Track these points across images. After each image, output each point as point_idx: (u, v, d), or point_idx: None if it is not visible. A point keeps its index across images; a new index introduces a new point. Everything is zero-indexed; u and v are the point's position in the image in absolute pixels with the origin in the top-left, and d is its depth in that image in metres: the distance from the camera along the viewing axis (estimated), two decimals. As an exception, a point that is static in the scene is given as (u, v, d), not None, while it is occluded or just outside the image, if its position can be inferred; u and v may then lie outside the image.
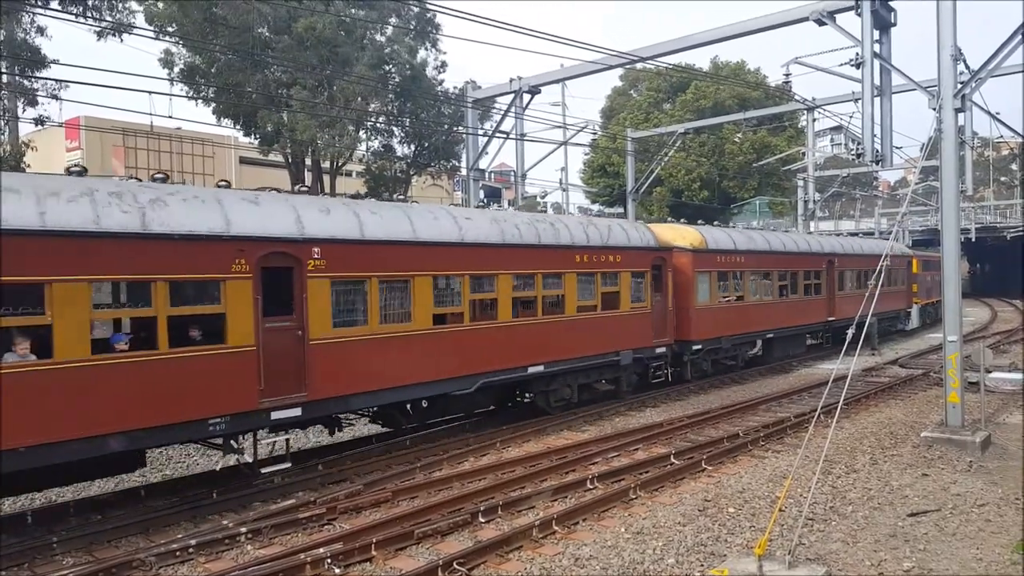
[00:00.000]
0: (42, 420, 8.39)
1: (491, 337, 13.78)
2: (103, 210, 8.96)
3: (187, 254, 9.62)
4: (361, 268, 11.64)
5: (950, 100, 13.03)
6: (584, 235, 16.04)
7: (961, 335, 13.38)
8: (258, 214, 10.56)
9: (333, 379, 11.17)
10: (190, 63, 27.18)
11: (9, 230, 8.11)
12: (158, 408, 9.32)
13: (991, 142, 51.09)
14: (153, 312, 9.32)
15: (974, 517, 9.70)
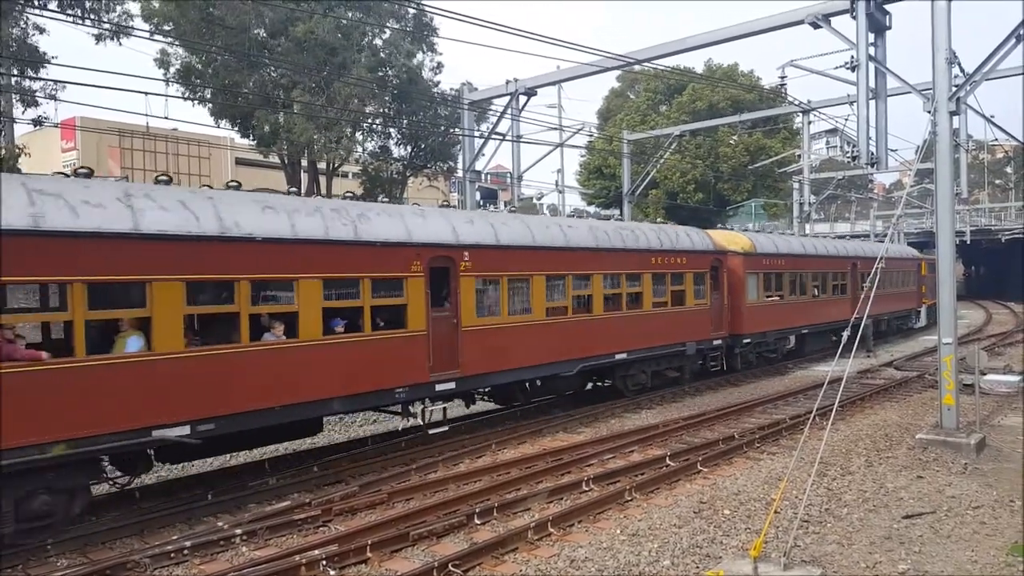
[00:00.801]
0: (291, 384, 10.69)
1: (588, 328, 16.10)
2: (330, 223, 11.39)
3: (383, 257, 12.00)
4: (496, 268, 14.02)
5: (945, 103, 13.08)
6: (658, 240, 18.41)
7: (956, 337, 13.42)
8: (427, 225, 12.96)
9: (477, 359, 13.57)
10: (186, 63, 27.13)
11: (271, 238, 10.53)
12: (363, 378, 11.68)
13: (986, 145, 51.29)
14: (360, 303, 11.71)
15: (969, 519, 9.73)
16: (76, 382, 8.66)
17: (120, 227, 9.03)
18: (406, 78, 28.50)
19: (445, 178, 40.29)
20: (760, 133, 49.32)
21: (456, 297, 13.18)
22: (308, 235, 10.95)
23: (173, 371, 9.46)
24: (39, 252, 8.35)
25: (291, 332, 10.79)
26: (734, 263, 20.99)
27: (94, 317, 8.96)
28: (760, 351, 22.64)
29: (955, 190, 13.78)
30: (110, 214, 9.02)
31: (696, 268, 19.38)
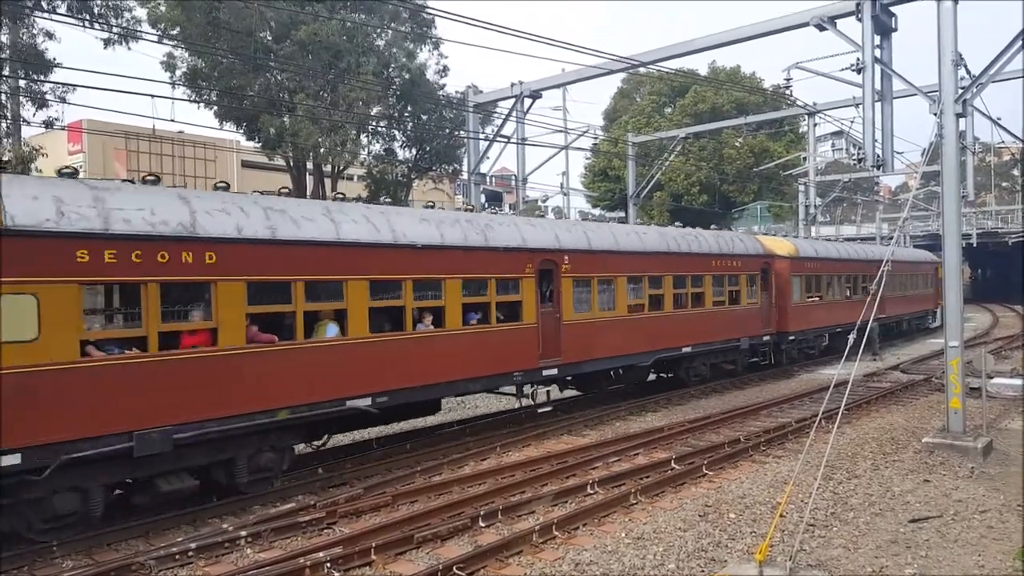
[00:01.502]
0: (440, 366, 12.74)
1: (660, 323, 17.97)
2: (467, 232, 13.46)
3: (504, 261, 14.02)
4: (588, 270, 15.92)
5: (951, 105, 13.04)
6: (717, 245, 20.32)
7: (963, 340, 13.36)
8: (536, 233, 15.04)
9: (575, 349, 15.45)
10: (193, 66, 27.21)
11: (427, 245, 12.53)
12: (492, 362, 13.74)
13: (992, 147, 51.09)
14: (488, 299, 13.70)
15: (976, 523, 9.68)
16: (296, 360, 10.70)
17: (327, 237, 11.19)
18: (409, 79, 28.52)
19: (450, 180, 40.35)
20: (763, 136, 49.27)
21: (559, 295, 15.23)
22: (452, 242, 13.10)
23: (360, 353, 11.56)
24: (275, 257, 10.52)
25: (437, 323, 12.82)
26: (781, 266, 22.82)
27: (308, 308, 10.96)
28: (801, 347, 24.52)
29: (961, 193, 13.71)
30: (320, 227, 11.17)
31: (749, 270, 21.25)
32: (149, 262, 9.23)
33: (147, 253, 9.22)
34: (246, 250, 10.19)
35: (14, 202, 8.39)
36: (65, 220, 8.65)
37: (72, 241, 8.67)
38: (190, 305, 9.85)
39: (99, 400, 8.83)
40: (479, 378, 13.64)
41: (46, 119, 21.91)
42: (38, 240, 8.44)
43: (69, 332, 8.64)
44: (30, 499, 8.61)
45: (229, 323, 9.97)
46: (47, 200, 8.68)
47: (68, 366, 8.59)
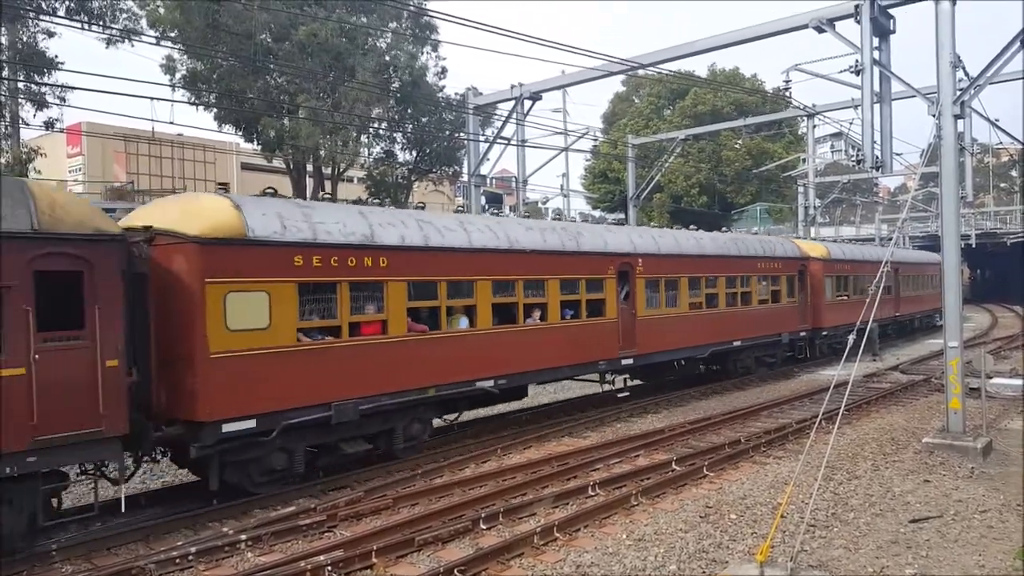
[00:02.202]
0: (544, 354, 14.82)
1: (715, 320, 19.92)
2: (563, 239, 15.59)
3: (592, 263, 16.03)
4: (657, 272, 17.89)
5: (949, 107, 13.06)
6: (761, 248, 22.41)
7: (962, 341, 13.38)
8: (615, 238, 17.19)
9: (647, 342, 17.41)
10: (192, 69, 27.22)
11: (534, 250, 14.62)
12: (583, 352, 15.78)
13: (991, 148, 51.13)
14: (578, 297, 15.62)
15: (976, 523, 9.69)
16: (440, 347, 12.83)
17: (463, 244, 13.25)
18: (409, 80, 28.54)
19: (450, 182, 40.36)
20: (760, 138, 49.32)
21: (634, 293, 17.19)
22: (552, 247, 15.18)
23: (485, 342, 13.66)
24: (427, 261, 12.62)
25: (542, 318, 14.89)
26: (815, 267, 24.90)
27: (448, 304, 13.03)
28: (831, 342, 26.25)
29: (960, 194, 13.73)
30: (457, 236, 13.32)
31: (788, 272, 23.33)
32: (342, 266, 11.38)
33: (341, 258, 11.38)
34: (408, 256, 12.35)
35: (253, 218, 10.40)
36: (287, 232, 10.77)
37: (291, 249, 10.79)
38: (368, 301, 11.94)
39: (309, 377, 10.86)
40: (573, 366, 15.82)
41: (47, 120, 21.92)
42: (269, 248, 10.51)
43: (290, 322, 10.72)
44: (253, 457, 10.56)
45: (395, 316, 12.18)
46: (273, 216, 10.73)
47: (289, 349, 10.68)
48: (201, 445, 9.86)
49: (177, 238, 9.96)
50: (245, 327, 10.14)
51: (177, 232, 9.97)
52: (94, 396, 8.62)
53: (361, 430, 11.88)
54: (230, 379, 9.99)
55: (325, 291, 11.26)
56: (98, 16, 21.86)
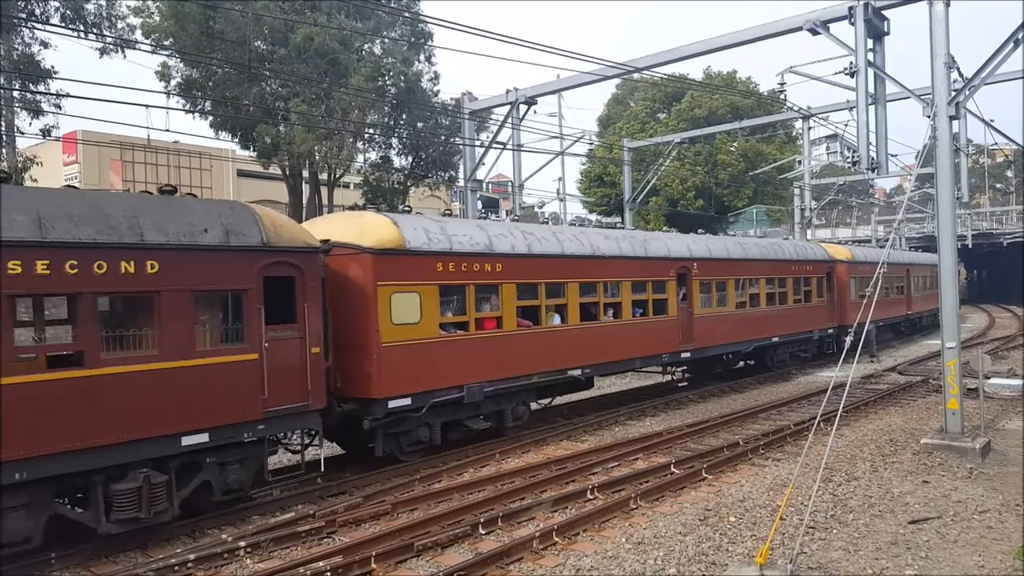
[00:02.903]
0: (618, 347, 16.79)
1: (758, 318, 21.98)
2: (634, 245, 17.72)
3: (657, 267, 18.10)
4: (710, 274, 19.90)
5: (944, 108, 13.10)
6: (795, 252, 24.82)
7: (959, 341, 13.39)
8: (675, 244, 19.26)
9: (703, 337, 19.41)
10: (187, 76, 27.22)
11: (611, 255, 16.81)
12: (649, 346, 17.77)
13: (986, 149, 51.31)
14: (645, 297, 17.67)
15: (975, 524, 9.69)
16: (540, 340, 14.88)
17: (556, 251, 15.52)
18: (404, 86, 28.56)
19: (447, 187, 40.38)
20: (756, 140, 49.40)
21: (691, 294, 19.13)
22: (626, 253, 17.30)
23: (574, 336, 15.65)
24: (530, 266, 14.78)
25: (615, 316, 16.81)
26: (841, 269, 26.91)
27: (546, 303, 15.09)
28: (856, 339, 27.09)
29: (956, 194, 13.77)
30: (552, 244, 15.50)
31: (817, 273, 25.39)
32: (469, 271, 13.52)
33: (469, 265, 13.50)
34: (517, 262, 14.50)
35: (407, 232, 12.65)
36: (431, 243, 12.98)
37: (435, 257, 12.99)
38: (488, 300, 14.09)
39: (447, 364, 13.02)
40: (642, 358, 17.80)
41: (43, 128, 21.90)
42: (419, 257, 12.74)
43: (433, 318, 12.94)
44: (405, 430, 12.80)
45: (508, 313, 14.31)
46: (421, 230, 12.98)
47: (433, 340, 12.92)
48: (373, 418, 12.07)
49: (353, 249, 12.21)
50: (404, 322, 12.46)
51: (353, 244, 12.23)
52: (303, 376, 10.69)
53: (480, 410, 14.07)
54: (394, 364, 12.25)
55: (457, 292, 13.56)
56: (93, 25, 21.86)
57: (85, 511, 8.88)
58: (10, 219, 8.08)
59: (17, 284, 8.11)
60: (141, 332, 9.23)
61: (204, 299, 9.89)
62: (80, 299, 8.63)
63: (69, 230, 8.50)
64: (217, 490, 10.01)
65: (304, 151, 25.99)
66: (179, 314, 9.38)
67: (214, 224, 9.88)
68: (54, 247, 8.34)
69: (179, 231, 9.46)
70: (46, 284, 8.39)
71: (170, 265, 9.27)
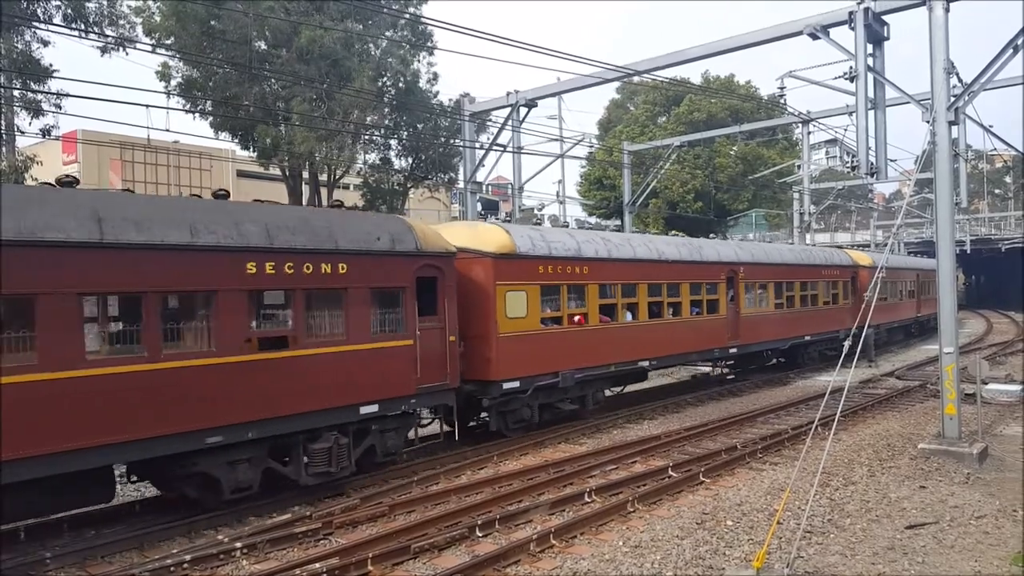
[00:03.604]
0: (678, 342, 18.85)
1: (793, 317, 24.05)
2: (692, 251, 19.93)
3: (710, 270, 20.07)
4: (754, 277, 22.02)
5: (943, 113, 13.12)
6: (824, 258, 27.34)
7: (957, 347, 13.40)
8: (724, 249, 21.53)
9: (748, 334, 21.48)
10: (187, 76, 27.19)
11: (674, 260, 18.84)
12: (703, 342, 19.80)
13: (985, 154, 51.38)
14: (700, 297, 19.67)
15: (972, 529, 9.69)
16: (617, 335, 16.92)
17: (630, 256, 17.60)
18: (404, 88, 28.54)
19: (446, 189, 40.38)
20: (756, 144, 49.42)
21: (738, 295, 21.01)
22: (685, 258, 19.26)
23: (643, 332, 17.64)
24: (610, 269, 16.87)
25: (676, 314, 18.78)
26: (863, 274, 28.71)
27: (621, 302, 17.02)
28: (876, 339, 30.17)
29: (954, 200, 13.79)
30: (626, 250, 17.68)
31: (843, 278, 27.56)
32: (563, 273, 15.63)
33: (562, 267, 15.58)
34: (599, 265, 16.53)
35: (517, 239, 14.83)
36: (535, 249, 15.11)
37: (537, 260, 15.10)
38: (576, 298, 16.12)
39: (546, 352, 15.11)
40: (697, 352, 19.91)
41: (43, 127, 21.86)
42: (526, 260, 14.85)
43: (536, 313, 15.03)
44: (511, 409, 14.89)
45: (592, 309, 16.34)
46: (527, 237, 15.22)
47: (536, 332, 14.96)
48: (490, 398, 14.28)
49: (477, 254, 14.27)
50: (515, 316, 14.50)
51: (477, 250, 14.29)
52: (444, 360, 12.85)
53: (568, 394, 16.03)
54: (507, 352, 14.29)
55: (554, 291, 15.63)
56: (94, 24, 21.84)
57: (288, 466, 10.86)
58: (246, 228, 10.24)
59: (253, 281, 10.22)
60: (333, 321, 11.25)
61: (376, 294, 11.94)
62: (294, 293, 10.72)
63: (288, 239, 10.61)
64: (379, 452, 12.14)
65: (305, 151, 25.97)
66: (360, 306, 11.54)
67: (383, 233, 12.11)
68: (279, 252, 10.44)
69: (360, 239, 11.62)
70: (272, 281, 10.49)
71: (355, 266, 11.43)
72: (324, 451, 10.98)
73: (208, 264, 9.78)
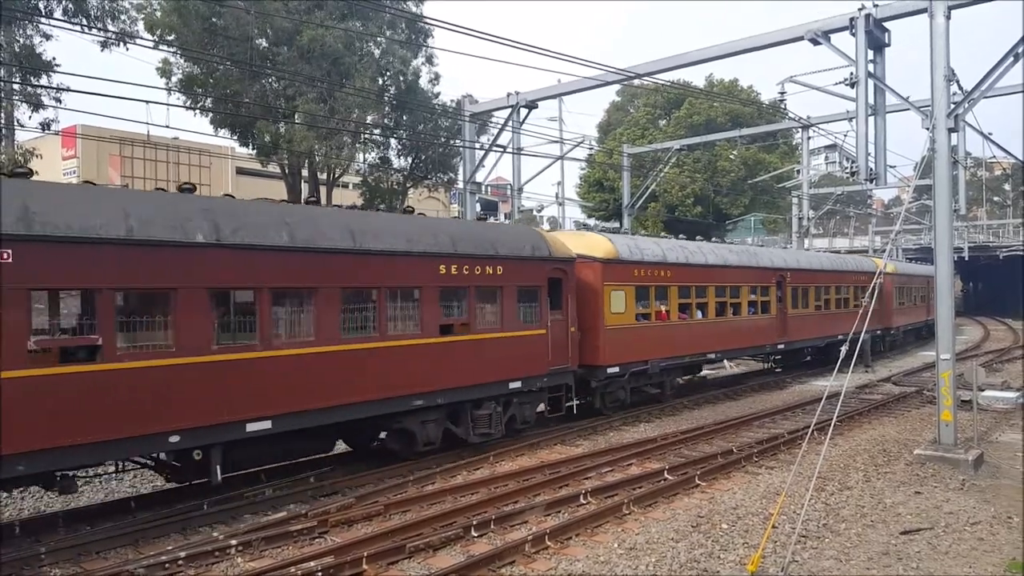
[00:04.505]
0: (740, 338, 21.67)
1: (829, 318, 26.44)
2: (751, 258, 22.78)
3: (764, 275, 22.89)
4: (798, 281, 24.64)
5: (943, 120, 13.15)
6: (855, 264, 30.59)
7: (954, 353, 13.42)
8: (775, 256, 24.71)
9: (793, 331, 24.08)
10: (188, 73, 27.18)
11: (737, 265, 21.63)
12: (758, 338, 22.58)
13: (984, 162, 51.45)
14: (755, 299, 22.24)
15: (967, 535, 9.70)
16: (691, 330, 19.59)
17: (702, 261, 20.12)
18: (404, 87, 28.53)
19: (445, 189, 40.34)
20: (756, 148, 49.46)
21: (785, 297, 23.63)
22: (744, 263, 22.12)
23: (713, 328, 20.38)
24: (687, 272, 19.49)
25: (736, 313, 21.42)
26: (887, 280, 31.34)
27: (695, 302, 19.76)
28: (894, 339, 34.14)
29: (953, 206, 13.81)
30: (699, 256, 20.24)
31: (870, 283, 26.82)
32: (652, 275, 18.30)
33: (651, 270, 18.32)
34: (679, 269, 19.17)
35: (618, 247, 17.49)
36: (631, 255, 17.83)
37: (632, 265, 17.79)
38: (661, 298, 18.63)
39: (638, 343, 17.81)
40: (752, 347, 22.68)
41: (43, 121, 21.82)
42: (625, 265, 17.59)
43: (632, 309, 17.71)
44: (610, 391, 17.59)
45: (673, 307, 18.92)
46: (625, 245, 17.87)
47: (631, 325, 17.74)
48: (597, 380, 16.88)
49: (590, 259, 16.88)
50: (617, 312, 17.14)
51: (589, 255, 16.90)
52: (567, 347, 15.60)
53: (652, 380, 18.71)
54: (611, 342, 16.91)
55: (644, 291, 18.20)
56: (96, 18, 21.82)
57: (459, 427, 13.70)
58: (438, 238, 13.14)
59: (444, 279, 13.04)
60: (492, 312, 14.11)
61: (521, 292, 14.64)
62: (468, 290, 13.49)
63: (466, 246, 13.58)
64: (519, 420, 14.91)
65: (305, 149, 25.96)
66: (510, 301, 14.38)
67: (527, 242, 15.11)
68: (460, 257, 13.34)
69: (512, 246, 14.65)
70: (455, 280, 13.26)
71: (508, 269, 14.27)
72: (486, 416, 13.94)
73: (419, 266, 12.65)
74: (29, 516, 10.86)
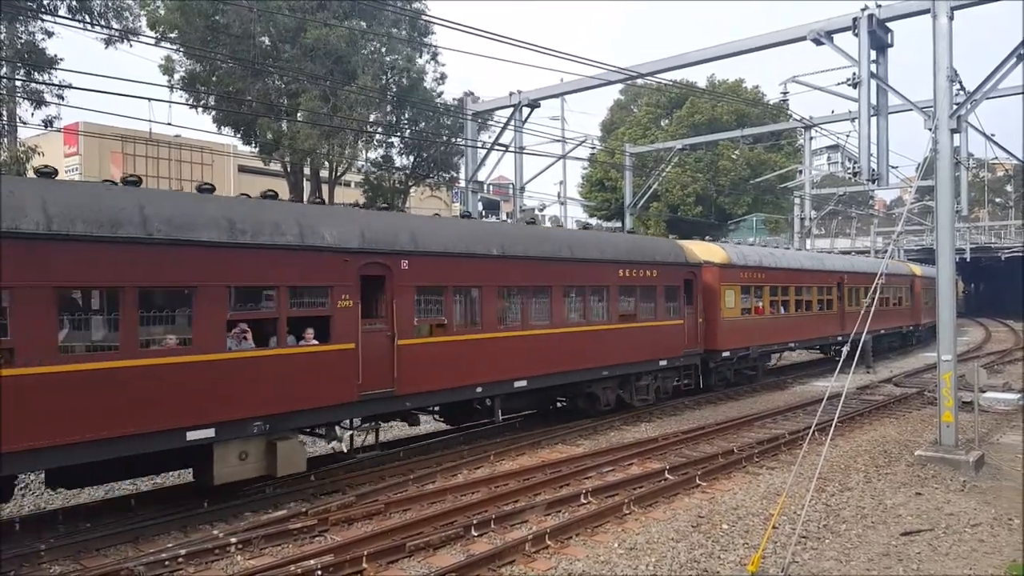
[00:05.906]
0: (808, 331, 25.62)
1: (879, 315, 26.88)
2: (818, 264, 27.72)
3: (829, 276, 27.11)
4: (853, 283, 28.52)
5: (946, 121, 13.13)
6: (896, 267, 34.01)
7: (955, 354, 13.40)
8: (836, 262, 28.99)
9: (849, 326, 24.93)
10: (191, 70, 27.17)
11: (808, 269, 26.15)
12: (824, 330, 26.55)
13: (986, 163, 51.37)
14: (821, 297, 26.45)
15: (967, 537, 9.69)
16: (777, 323, 23.28)
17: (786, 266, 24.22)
18: (407, 85, 28.50)
19: (447, 188, 40.32)
20: (761, 148, 49.40)
21: (844, 296, 27.66)
22: (811, 267, 26.01)
23: (793, 321, 24.09)
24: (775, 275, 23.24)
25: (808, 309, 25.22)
26: (917, 282, 36.29)
27: (780, 299, 23.40)
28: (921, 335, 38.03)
29: (955, 208, 13.80)
30: (782, 261, 24.34)
31: (905, 284, 34.89)
32: (752, 277, 22.01)
33: (751, 273, 22.07)
34: (771, 272, 23.00)
35: (729, 253, 21.26)
36: (738, 260, 21.46)
37: (740, 269, 21.45)
38: (759, 296, 22.40)
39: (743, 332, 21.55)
40: (820, 338, 26.28)
41: (45, 118, 21.81)
42: (735, 268, 21.33)
43: (738, 305, 21.30)
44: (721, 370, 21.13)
45: (765, 304, 22.63)
46: (734, 252, 21.54)
47: (739, 318, 21.42)
48: (715, 362, 20.55)
49: (710, 264, 20.54)
50: (729, 306, 20.79)
51: (711, 261, 20.59)
52: (696, 333, 19.44)
53: (749, 363, 22.26)
54: (726, 330, 20.66)
55: (746, 290, 21.80)
56: (100, 15, 21.80)
57: (624, 394, 17.64)
58: (617, 248, 17.47)
59: (622, 279, 17.12)
60: (648, 306, 17.98)
61: (668, 290, 18.52)
62: (636, 288, 17.50)
63: (635, 255, 17.64)
64: (662, 392, 18.72)
65: (308, 147, 25.95)
66: (661, 298, 18.22)
67: (671, 251, 19.12)
68: (632, 263, 17.41)
69: (662, 254, 18.62)
70: (627, 280, 17.26)
71: (660, 272, 18.20)
72: (645, 387, 18.10)
73: (608, 270, 16.74)
74: (29, 513, 10.87)
